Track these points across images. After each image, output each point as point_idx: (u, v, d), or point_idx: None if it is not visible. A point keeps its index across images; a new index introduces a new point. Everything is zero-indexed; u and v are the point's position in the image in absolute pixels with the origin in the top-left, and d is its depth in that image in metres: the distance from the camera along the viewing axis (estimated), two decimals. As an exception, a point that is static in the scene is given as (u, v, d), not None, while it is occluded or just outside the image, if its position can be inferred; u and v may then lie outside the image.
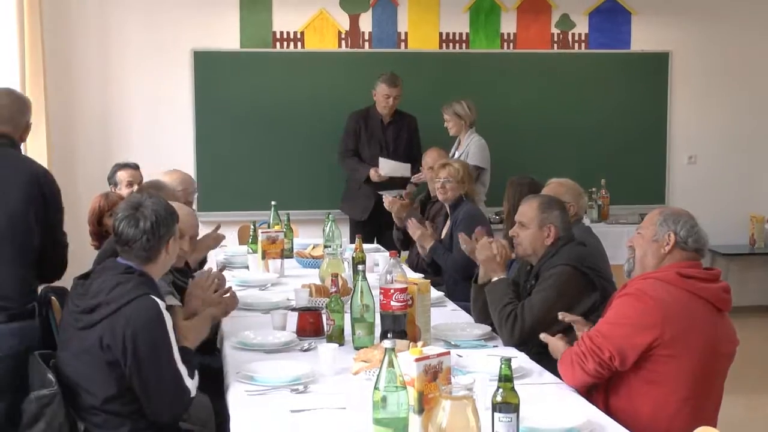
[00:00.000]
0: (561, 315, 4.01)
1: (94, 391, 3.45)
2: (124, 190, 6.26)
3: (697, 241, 3.68)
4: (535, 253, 4.51)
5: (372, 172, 8.12)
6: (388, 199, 7.03)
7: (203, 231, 8.56)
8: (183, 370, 3.47)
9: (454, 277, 6.11)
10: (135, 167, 6.60)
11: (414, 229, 6.46)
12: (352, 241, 6.76)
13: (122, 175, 6.49)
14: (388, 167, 8.06)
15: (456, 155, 7.86)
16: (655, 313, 3.49)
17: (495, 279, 4.47)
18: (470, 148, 7.93)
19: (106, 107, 8.65)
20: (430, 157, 7.20)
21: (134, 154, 7.75)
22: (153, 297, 3.47)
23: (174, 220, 3.72)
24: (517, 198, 5.80)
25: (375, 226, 8.11)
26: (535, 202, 4.57)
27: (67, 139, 8.49)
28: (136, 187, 6.11)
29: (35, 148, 7.79)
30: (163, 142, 8.64)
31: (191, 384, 3.49)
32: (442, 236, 6.47)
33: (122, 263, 3.61)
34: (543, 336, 3.96)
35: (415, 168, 8.01)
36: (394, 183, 8.04)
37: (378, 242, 7.93)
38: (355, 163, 8.33)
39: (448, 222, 6.46)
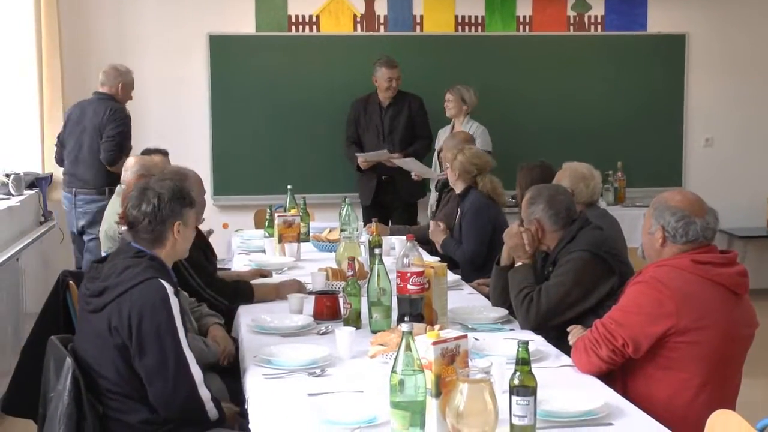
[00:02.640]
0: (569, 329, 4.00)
1: (108, 375, 3.45)
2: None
3: (685, 235, 3.60)
4: (539, 247, 4.52)
5: (359, 159, 8.18)
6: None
7: (218, 215, 8.66)
8: (190, 357, 3.43)
9: (466, 268, 6.09)
10: (148, 153, 6.61)
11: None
12: (363, 225, 6.80)
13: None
14: (368, 156, 8.10)
15: None
16: (670, 302, 3.46)
17: (519, 264, 4.47)
18: (477, 135, 7.85)
19: (122, 92, 8.66)
20: (444, 145, 7.17)
21: (150, 138, 7.76)
22: (161, 281, 3.45)
23: (182, 203, 3.66)
24: (528, 183, 5.80)
25: (382, 210, 8.12)
26: (526, 197, 4.58)
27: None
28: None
29: (52, 133, 7.82)
30: (180, 127, 8.65)
31: (198, 374, 3.45)
32: (455, 224, 6.46)
33: (134, 247, 3.62)
34: (571, 329, 3.95)
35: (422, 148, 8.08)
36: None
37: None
38: (352, 151, 8.36)
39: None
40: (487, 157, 6.50)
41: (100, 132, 7.34)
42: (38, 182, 7.60)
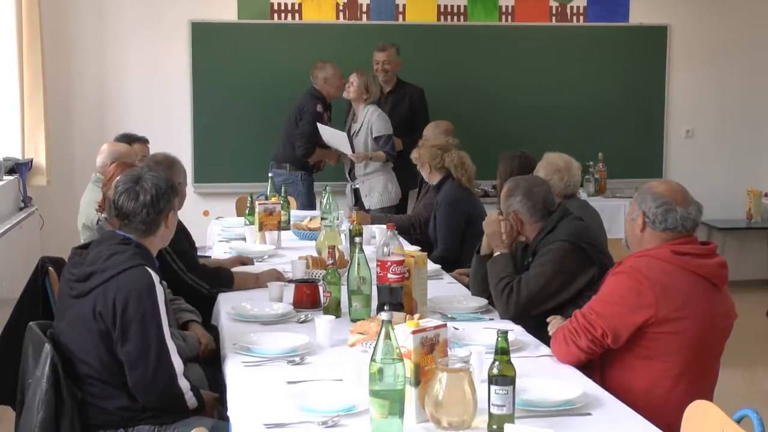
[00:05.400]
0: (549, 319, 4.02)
1: (89, 360, 3.45)
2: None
3: (664, 222, 3.62)
4: (518, 238, 4.53)
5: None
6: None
7: (199, 202, 8.64)
8: (171, 346, 3.45)
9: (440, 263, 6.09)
10: (129, 139, 6.56)
11: None
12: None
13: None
14: (327, 133, 8.03)
15: (354, 128, 7.85)
16: (649, 292, 3.48)
17: (497, 253, 4.47)
18: (373, 120, 7.81)
19: (103, 79, 8.63)
20: (425, 135, 7.18)
21: (131, 125, 7.75)
22: (147, 268, 3.46)
23: (173, 193, 3.72)
24: (508, 173, 5.82)
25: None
26: (504, 189, 4.58)
27: (65, 111, 8.48)
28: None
29: (32, 118, 7.78)
30: (161, 114, 8.62)
31: (178, 364, 3.46)
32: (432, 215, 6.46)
33: (120, 234, 3.61)
34: (550, 319, 3.96)
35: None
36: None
37: None
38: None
39: None
40: (447, 137, 6.56)
41: (294, 116, 8.08)
42: (18, 168, 7.57)
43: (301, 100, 8.07)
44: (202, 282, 4.73)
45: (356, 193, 7.95)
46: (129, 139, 6.57)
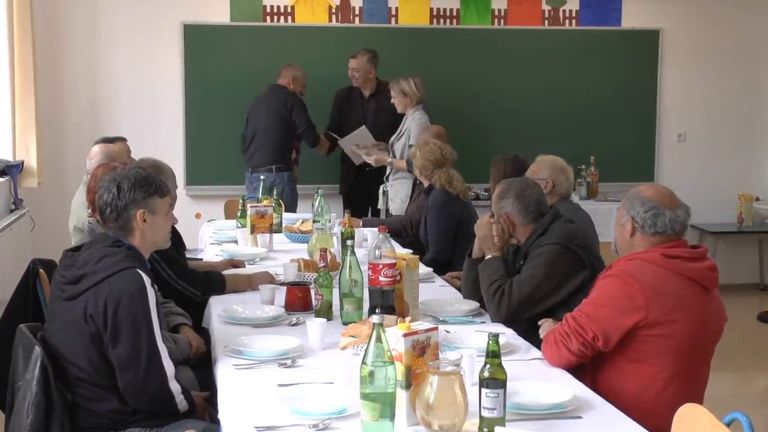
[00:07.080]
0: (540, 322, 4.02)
1: (80, 363, 3.44)
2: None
3: (653, 226, 3.62)
4: (510, 241, 4.52)
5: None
6: None
7: (190, 204, 8.64)
8: (163, 349, 3.44)
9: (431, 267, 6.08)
10: (108, 141, 6.54)
11: None
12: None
13: None
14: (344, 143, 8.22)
15: (400, 131, 7.84)
16: (639, 295, 3.48)
17: (489, 257, 4.47)
18: (411, 127, 7.78)
19: (95, 81, 8.62)
20: (418, 138, 7.18)
21: (123, 128, 7.73)
22: (139, 271, 3.45)
23: (146, 192, 3.63)
24: (501, 175, 5.82)
25: (362, 198, 8.11)
26: (496, 191, 4.58)
27: (56, 113, 8.47)
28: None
29: (24, 121, 7.77)
30: (153, 116, 8.62)
31: (169, 367, 3.46)
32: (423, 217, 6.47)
33: (112, 236, 3.60)
34: (541, 323, 3.97)
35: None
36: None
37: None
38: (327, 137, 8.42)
39: None
40: (445, 151, 6.46)
41: (279, 114, 8.11)
42: (9, 170, 7.56)
43: (279, 99, 8.11)
44: (193, 289, 4.71)
45: (387, 195, 7.92)
46: (109, 141, 6.53)
